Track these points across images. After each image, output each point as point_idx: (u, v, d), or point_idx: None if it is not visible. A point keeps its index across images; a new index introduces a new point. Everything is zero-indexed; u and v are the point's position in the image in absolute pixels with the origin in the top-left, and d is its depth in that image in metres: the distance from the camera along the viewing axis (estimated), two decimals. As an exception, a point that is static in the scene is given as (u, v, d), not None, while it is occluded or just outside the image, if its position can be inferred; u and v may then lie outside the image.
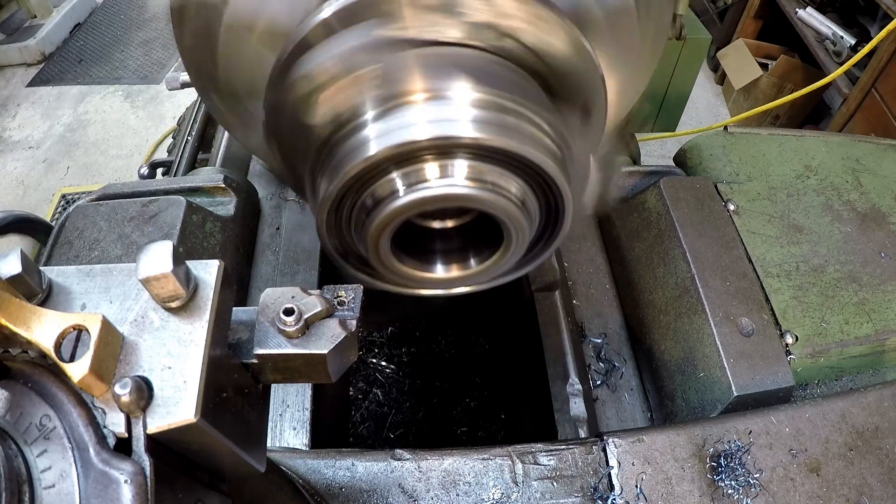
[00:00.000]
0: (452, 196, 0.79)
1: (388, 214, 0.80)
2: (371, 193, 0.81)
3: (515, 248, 0.89)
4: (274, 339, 0.64)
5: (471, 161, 0.79)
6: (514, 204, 0.82)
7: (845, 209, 1.58)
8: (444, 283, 0.97)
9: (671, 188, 1.57)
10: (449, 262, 0.97)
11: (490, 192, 0.80)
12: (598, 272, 1.68)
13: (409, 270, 0.93)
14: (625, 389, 1.50)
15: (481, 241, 0.95)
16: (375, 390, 2.31)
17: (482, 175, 0.79)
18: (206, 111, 2.18)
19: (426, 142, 0.76)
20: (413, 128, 0.76)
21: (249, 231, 1.67)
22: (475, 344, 2.40)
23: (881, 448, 1.12)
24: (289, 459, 1.07)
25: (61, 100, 5.67)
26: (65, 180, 4.94)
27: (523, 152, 0.78)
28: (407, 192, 0.79)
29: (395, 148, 0.76)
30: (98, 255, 1.40)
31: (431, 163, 0.78)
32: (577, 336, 1.55)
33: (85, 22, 6.69)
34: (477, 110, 0.78)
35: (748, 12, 5.29)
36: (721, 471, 1.06)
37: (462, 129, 0.76)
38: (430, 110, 0.77)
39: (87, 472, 0.50)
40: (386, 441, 2.20)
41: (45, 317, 0.51)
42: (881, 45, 3.67)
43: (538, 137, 0.81)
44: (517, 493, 1.05)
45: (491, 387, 2.28)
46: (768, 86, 4.94)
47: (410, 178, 0.79)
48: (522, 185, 0.83)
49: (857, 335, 1.36)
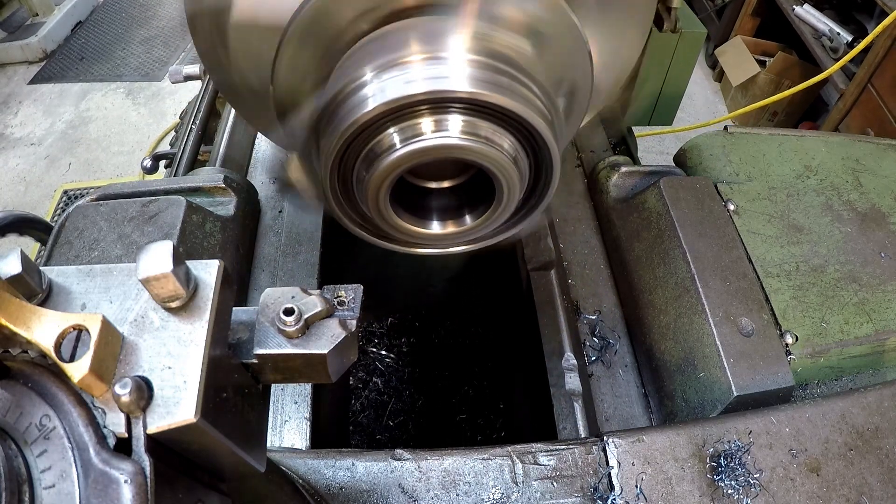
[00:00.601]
0: (447, 147, 0.84)
1: (386, 166, 0.85)
2: (371, 149, 0.86)
3: (507, 202, 0.93)
4: (274, 339, 0.64)
5: (465, 116, 0.83)
6: (507, 158, 0.86)
7: (845, 209, 1.58)
8: (441, 238, 1.02)
9: (671, 188, 1.57)
10: (445, 219, 1.02)
11: (484, 144, 0.84)
12: (592, 253, 1.72)
13: (408, 226, 0.98)
14: (619, 366, 1.53)
15: (475, 200, 1.00)
16: (375, 379, 2.34)
17: (476, 129, 0.84)
18: (208, 105, 2.20)
19: (422, 95, 0.80)
20: (410, 84, 0.81)
21: (249, 231, 1.68)
22: (474, 334, 2.44)
23: (881, 448, 1.12)
24: (289, 459, 1.07)
25: (63, 97, 5.69)
26: (66, 176, 4.96)
27: (516, 109, 0.82)
28: (404, 145, 0.83)
29: (392, 102, 0.80)
30: (98, 255, 1.40)
31: (427, 117, 0.83)
32: (573, 314, 1.58)
33: (86, 20, 6.71)
34: (472, 69, 0.82)
35: (746, 10, 5.34)
36: (721, 471, 1.06)
37: (457, 84, 0.80)
38: (426, 69, 0.82)
39: (87, 472, 0.50)
40: (386, 429, 2.22)
41: (45, 317, 0.51)
42: (877, 41, 3.71)
43: (530, 98, 0.85)
44: (517, 493, 1.06)
45: (489, 376, 2.31)
46: (766, 82, 4.99)
47: (407, 132, 0.83)
48: (514, 142, 0.88)
49: (857, 335, 1.36)
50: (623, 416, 1.44)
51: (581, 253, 1.71)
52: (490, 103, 0.82)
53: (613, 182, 1.76)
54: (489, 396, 2.29)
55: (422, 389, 2.33)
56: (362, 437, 2.22)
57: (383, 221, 0.96)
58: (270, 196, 1.80)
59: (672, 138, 4.69)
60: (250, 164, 1.96)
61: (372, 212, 0.93)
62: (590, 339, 1.55)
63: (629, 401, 1.47)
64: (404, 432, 2.24)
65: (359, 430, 2.23)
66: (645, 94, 2.28)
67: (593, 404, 1.44)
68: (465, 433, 2.23)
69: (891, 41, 3.69)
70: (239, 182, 1.68)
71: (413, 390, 2.33)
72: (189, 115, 2.22)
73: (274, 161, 1.88)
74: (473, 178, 1.04)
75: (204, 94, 2.27)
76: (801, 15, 4.56)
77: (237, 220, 1.61)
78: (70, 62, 6.14)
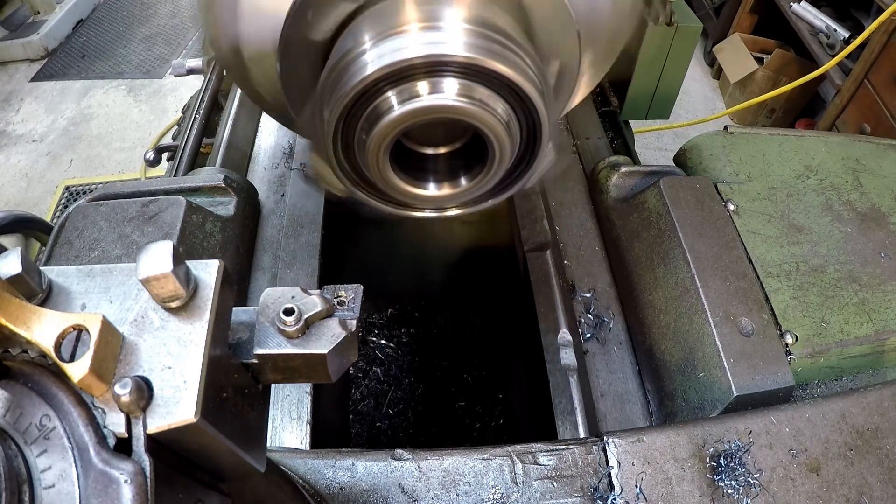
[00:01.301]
0: (443, 108, 0.88)
1: (385, 126, 0.89)
2: (371, 112, 0.90)
3: (499, 163, 0.98)
4: (274, 339, 0.64)
5: (461, 80, 0.88)
6: (499, 121, 0.91)
7: (845, 209, 1.58)
8: (439, 200, 1.08)
9: (671, 188, 1.57)
10: (441, 181, 1.07)
11: (478, 107, 0.88)
12: (587, 235, 1.77)
13: (407, 187, 1.03)
14: (614, 343, 1.56)
15: (470, 164, 1.06)
16: (375, 368, 2.36)
17: (471, 92, 0.88)
18: (210, 98, 2.22)
19: (419, 59, 0.84)
20: (407, 49, 0.85)
21: (249, 231, 1.68)
22: (473, 325, 2.49)
23: (881, 448, 1.12)
24: (289, 459, 1.07)
25: (64, 94, 5.70)
26: (68, 173, 4.98)
27: (509, 75, 0.86)
28: (402, 105, 0.87)
29: (390, 66, 0.85)
30: (98, 255, 1.40)
31: (423, 80, 0.87)
32: (568, 293, 1.63)
33: (87, 18, 6.72)
34: (467, 37, 0.87)
35: (744, 7, 5.38)
36: (721, 471, 1.06)
37: (453, 48, 0.85)
38: (423, 35, 0.87)
39: (87, 472, 0.50)
40: (385, 416, 2.24)
41: (45, 317, 0.51)
42: (873, 37, 3.75)
43: (523, 66, 0.90)
44: (517, 493, 1.06)
45: (488, 366, 2.35)
46: (763, 79, 5.02)
47: (404, 94, 0.88)
48: (507, 108, 0.92)
49: (857, 335, 1.36)
50: (617, 391, 1.48)
51: (576, 235, 1.77)
52: (485, 68, 0.86)
53: (613, 182, 1.76)
54: (488, 386, 2.33)
55: (421, 378, 2.37)
56: (362, 425, 2.25)
57: (384, 183, 1.01)
58: (273, 180, 1.87)
59: (670, 134, 4.71)
60: (250, 164, 1.97)
61: (373, 173, 0.99)
62: (585, 317, 1.60)
63: (623, 377, 1.51)
64: (404, 420, 2.27)
65: (359, 419, 2.25)
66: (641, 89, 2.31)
67: (588, 380, 1.48)
68: (464, 420, 2.27)
69: (887, 37, 3.72)
70: (239, 182, 1.68)
71: (413, 379, 2.37)
72: (192, 108, 2.24)
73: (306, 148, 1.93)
74: (468, 145, 1.10)
75: (206, 87, 2.28)
76: (798, 12, 4.59)
77: (237, 220, 1.61)
78: (71, 60, 6.15)
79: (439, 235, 2.16)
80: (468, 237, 2.18)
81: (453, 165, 1.10)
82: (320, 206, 1.75)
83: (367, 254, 2.15)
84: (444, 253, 2.22)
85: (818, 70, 3.87)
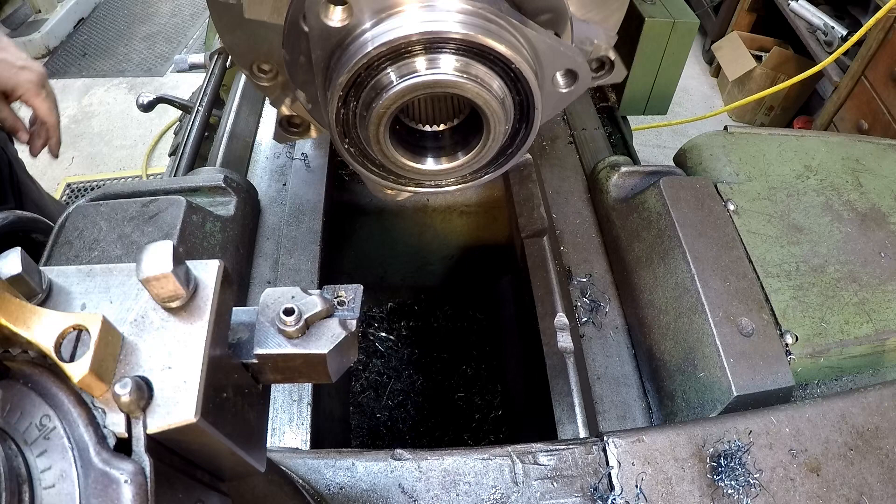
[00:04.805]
0: (440, 83, 0.92)
1: (385, 101, 0.93)
2: (371, 88, 0.95)
3: (494, 137, 1.03)
4: (274, 339, 0.64)
5: (458, 56, 0.92)
6: (495, 97, 0.95)
7: (845, 209, 1.58)
8: (437, 174, 1.14)
9: (671, 188, 1.57)
10: (440, 156, 1.12)
11: (474, 82, 0.92)
12: (584, 223, 1.81)
13: (407, 161, 1.08)
14: (610, 328, 1.59)
15: (467, 140, 1.11)
16: (375, 361, 2.39)
17: (468, 68, 0.92)
18: (213, 92, 2.23)
19: (417, 36, 0.88)
20: (405, 27, 0.89)
21: (249, 231, 1.68)
22: (472, 319, 2.52)
23: (881, 448, 1.12)
24: (289, 459, 1.07)
25: (66, 92, 5.70)
26: (70, 170, 5.00)
27: (504, 52, 0.91)
28: (401, 81, 0.92)
29: (390, 44, 0.89)
30: (98, 255, 1.40)
31: (422, 56, 0.92)
32: (564, 278, 1.66)
33: (88, 17, 6.73)
34: (464, 16, 0.91)
35: (742, 6, 5.43)
36: (721, 471, 1.06)
37: (451, 26, 0.89)
38: (421, 14, 0.91)
39: (87, 472, 0.50)
40: (385, 408, 2.26)
41: (45, 317, 0.51)
42: (870, 34, 3.77)
43: (517, 46, 0.94)
44: (517, 494, 1.06)
45: (487, 359, 2.38)
46: (762, 77, 5.05)
47: (403, 70, 0.92)
48: (503, 85, 0.97)
49: (857, 335, 1.36)
50: (613, 374, 1.50)
51: (573, 223, 1.81)
52: (481, 45, 0.90)
53: (613, 182, 1.76)
54: (486, 378, 2.37)
55: (421, 370, 2.40)
56: (363, 417, 2.26)
57: (384, 157, 1.06)
58: (275, 170, 1.91)
59: (669, 132, 4.72)
60: (252, 154, 1.98)
61: (374, 149, 1.03)
62: (581, 302, 1.62)
63: (619, 360, 1.53)
64: (404, 411, 2.30)
65: (359, 411, 2.27)
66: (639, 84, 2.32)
67: (585, 363, 1.49)
68: (464, 411, 2.29)
69: (884, 34, 3.74)
70: (239, 182, 1.69)
71: (412, 371, 2.40)
72: (196, 99, 2.25)
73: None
74: (464, 123, 1.15)
75: (209, 80, 2.29)
76: (796, 10, 4.62)
77: (237, 220, 1.61)
78: (73, 58, 6.15)
79: (439, 228, 2.17)
80: (467, 230, 2.19)
81: (451, 142, 1.15)
82: (321, 194, 1.78)
83: (367, 246, 2.17)
84: (444, 246, 2.24)
85: (816, 67, 3.89)
